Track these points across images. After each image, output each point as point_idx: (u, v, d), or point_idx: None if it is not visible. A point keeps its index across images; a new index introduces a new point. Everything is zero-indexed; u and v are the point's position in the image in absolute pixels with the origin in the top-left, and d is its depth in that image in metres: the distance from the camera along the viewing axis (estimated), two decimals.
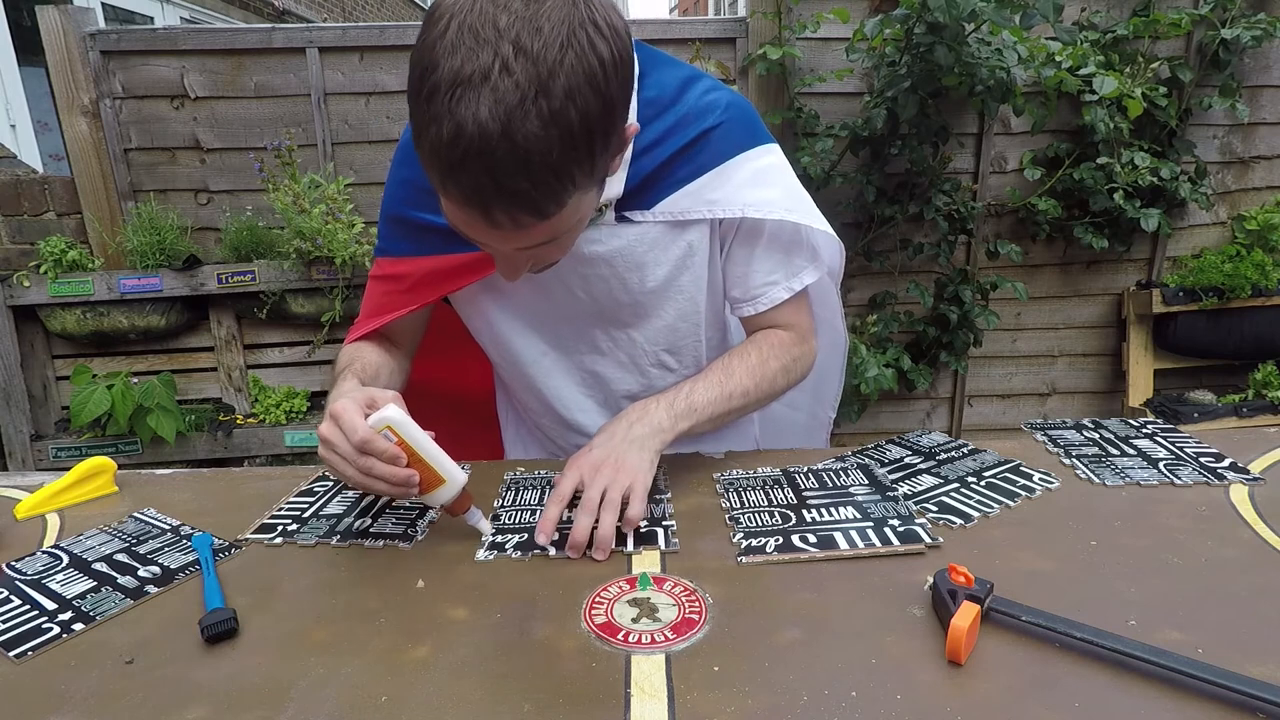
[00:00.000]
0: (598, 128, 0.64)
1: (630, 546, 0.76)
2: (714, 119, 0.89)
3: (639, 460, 0.81)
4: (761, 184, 0.91)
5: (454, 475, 0.75)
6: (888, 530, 0.76)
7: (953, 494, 0.85)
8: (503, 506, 0.86)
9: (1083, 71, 2.30)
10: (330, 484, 0.92)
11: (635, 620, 0.63)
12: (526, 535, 0.78)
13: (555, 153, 0.62)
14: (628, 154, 0.86)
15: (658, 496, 0.86)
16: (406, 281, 0.95)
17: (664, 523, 0.80)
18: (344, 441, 0.71)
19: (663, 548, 0.75)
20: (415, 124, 0.63)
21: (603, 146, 0.67)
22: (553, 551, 0.76)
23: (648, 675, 0.57)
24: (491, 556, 0.75)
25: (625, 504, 0.77)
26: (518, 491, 0.89)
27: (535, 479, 0.93)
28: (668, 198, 0.89)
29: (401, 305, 0.96)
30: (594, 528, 0.74)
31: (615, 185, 0.86)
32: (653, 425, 0.85)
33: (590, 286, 0.93)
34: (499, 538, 0.78)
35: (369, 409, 0.74)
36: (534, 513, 0.83)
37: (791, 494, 0.85)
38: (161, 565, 0.75)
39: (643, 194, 0.88)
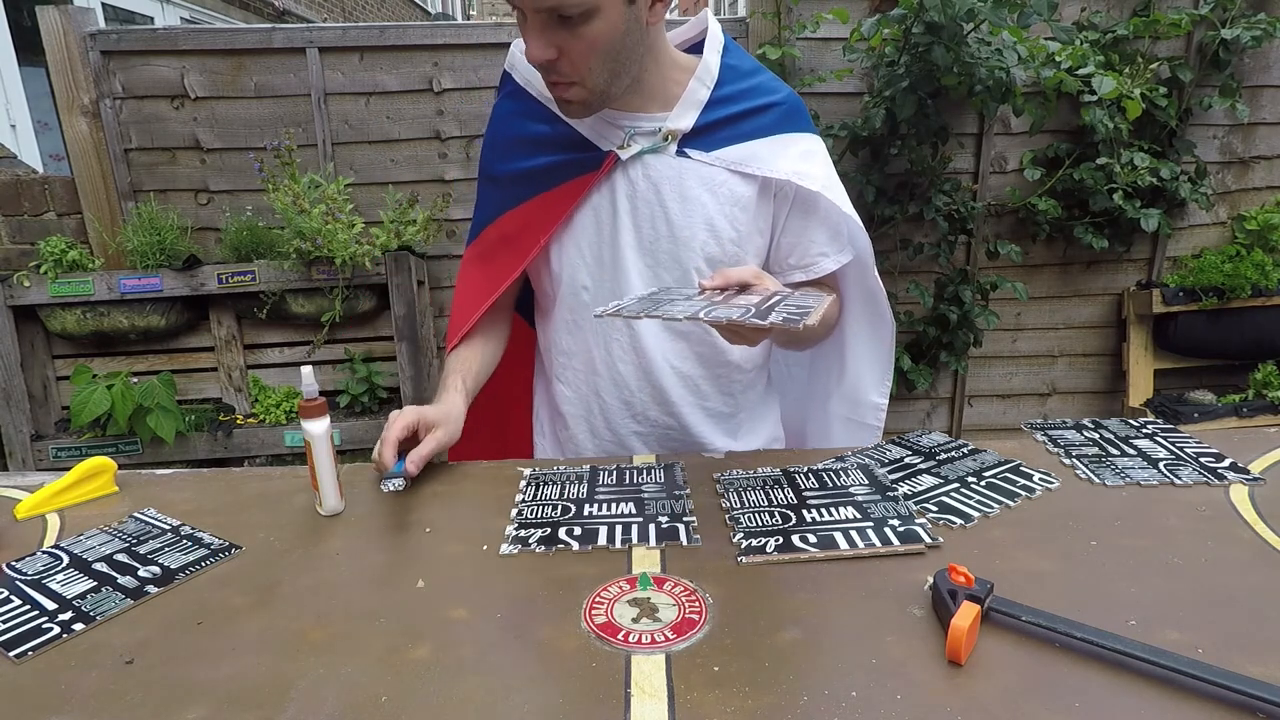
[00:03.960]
0: None
1: (653, 542, 0.76)
2: (780, 97, 1.03)
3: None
4: (810, 162, 1.02)
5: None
6: (888, 530, 0.76)
7: (953, 494, 0.85)
8: (525, 502, 0.86)
9: (1082, 71, 2.30)
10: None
11: (635, 620, 0.63)
12: (549, 530, 0.79)
13: None
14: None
15: (677, 493, 0.87)
16: (522, 231, 1.06)
17: (684, 519, 0.81)
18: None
19: (684, 543, 0.76)
20: None
21: None
22: (575, 546, 0.76)
23: (648, 675, 0.57)
24: (515, 550, 0.76)
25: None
26: (539, 487, 0.90)
27: (556, 474, 0.93)
28: (728, 147, 1.00)
29: (511, 266, 1.07)
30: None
31: (686, 116, 0.98)
32: None
33: (636, 211, 1.01)
34: (522, 532, 0.79)
35: (407, 430, 0.92)
36: (556, 508, 0.84)
37: (791, 494, 0.85)
38: (161, 565, 0.75)
39: (707, 137, 1.00)
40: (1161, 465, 0.89)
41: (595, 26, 0.84)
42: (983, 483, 0.87)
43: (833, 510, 0.81)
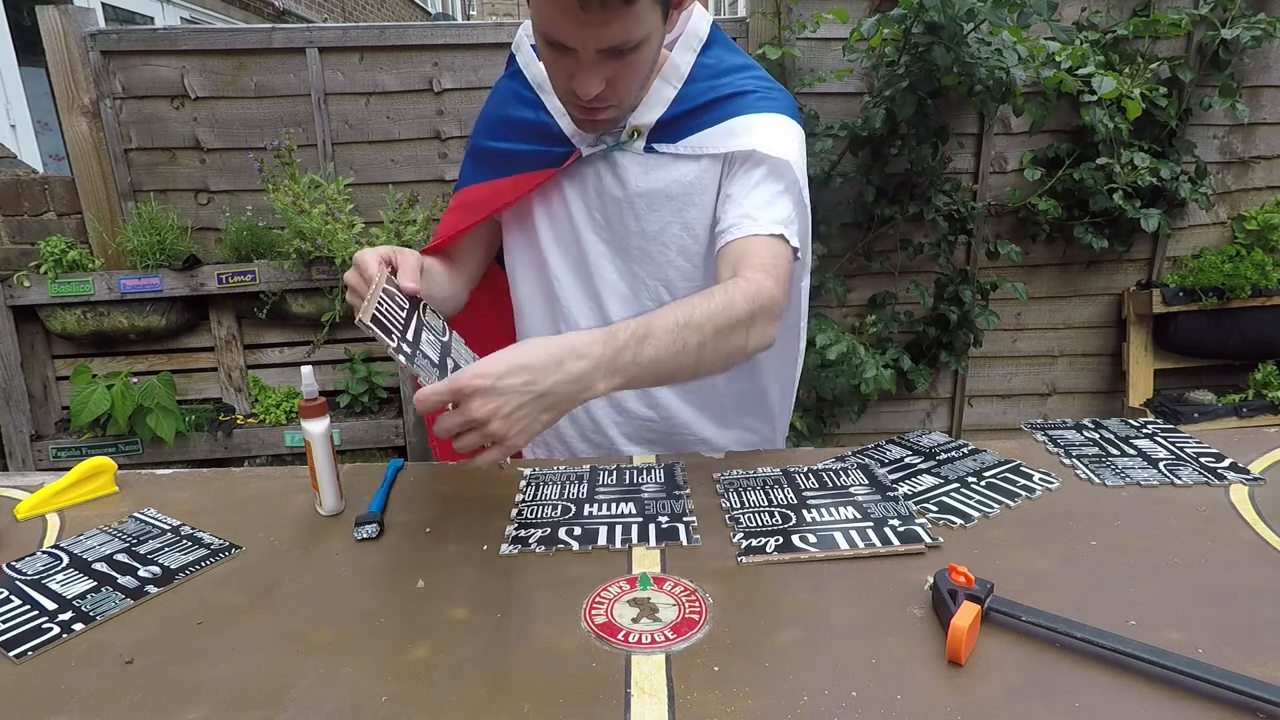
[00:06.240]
0: None
1: (653, 542, 0.76)
2: (752, 87, 0.99)
3: (530, 426, 0.71)
4: (781, 140, 0.96)
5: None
6: (888, 530, 0.76)
7: (953, 494, 0.85)
8: (524, 502, 0.86)
9: (1082, 71, 2.30)
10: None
11: (635, 620, 0.63)
12: (549, 530, 0.79)
13: None
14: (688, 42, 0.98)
15: (677, 493, 0.87)
16: (477, 204, 1.06)
17: (684, 519, 0.81)
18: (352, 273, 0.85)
19: (684, 543, 0.76)
20: None
21: None
22: (575, 546, 0.76)
23: (648, 675, 0.57)
24: (515, 550, 0.76)
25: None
26: (539, 487, 0.90)
27: (555, 475, 0.94)
28: (693, 135, 0.98)
29: (471, 221, 1.06)
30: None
31: (651, 112, 0.97)
32: (580, 383, 0.72)
33: (605, 208, 1.01)
34: (522, 532, 0.79)
35: (387, 261, 0.86)
36: (556, 508, 0.84)
37: (791, 494, 0.85)
38: (161, 565, 0.75)
39: (673, 130, 0.98)
40: (1162, 465, 0.89)
41: (643, 52, 0.85)
42: (983, 483, 0.87)
43: (833, 510, 0.81)
